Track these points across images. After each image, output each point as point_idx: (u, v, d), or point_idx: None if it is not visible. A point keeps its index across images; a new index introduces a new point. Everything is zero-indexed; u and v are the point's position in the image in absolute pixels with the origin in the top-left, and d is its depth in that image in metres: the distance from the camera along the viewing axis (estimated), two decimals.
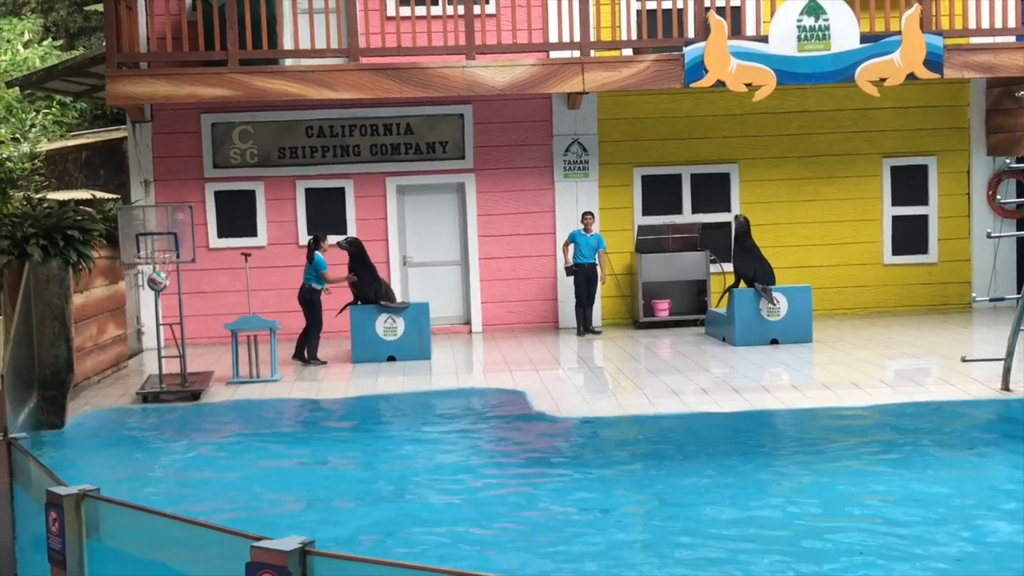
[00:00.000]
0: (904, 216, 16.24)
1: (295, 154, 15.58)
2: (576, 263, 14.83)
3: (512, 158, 15.74)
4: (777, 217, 15.94)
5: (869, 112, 15.81)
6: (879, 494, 8.11)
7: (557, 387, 11.71)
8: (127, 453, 9.95)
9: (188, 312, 13.17)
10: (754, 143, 16.01)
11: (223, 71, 13.91)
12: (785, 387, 11.47)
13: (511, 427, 10.52)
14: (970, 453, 9.16)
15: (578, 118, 15.67)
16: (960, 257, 16.29)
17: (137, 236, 11.73)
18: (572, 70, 14.18)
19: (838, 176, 16.10)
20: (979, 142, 16.12)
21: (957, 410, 10.37)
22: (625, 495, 8.37)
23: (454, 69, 14.14)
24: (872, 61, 14.18)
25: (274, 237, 15.61)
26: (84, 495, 4.74)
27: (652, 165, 15.95)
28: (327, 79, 14.02)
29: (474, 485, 8.61)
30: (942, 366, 12.24)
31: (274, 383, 12.24)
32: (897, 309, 16.20)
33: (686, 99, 15.67)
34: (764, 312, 13.75)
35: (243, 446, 10.01)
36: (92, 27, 25.09)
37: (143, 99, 14.19)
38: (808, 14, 14.05)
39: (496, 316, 15.82)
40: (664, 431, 9.98)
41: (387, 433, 10.34)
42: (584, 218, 15.04)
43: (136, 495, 8.11)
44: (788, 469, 8.80)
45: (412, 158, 15.68)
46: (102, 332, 13.02)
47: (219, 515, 7.45)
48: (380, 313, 13.48)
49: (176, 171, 15.41)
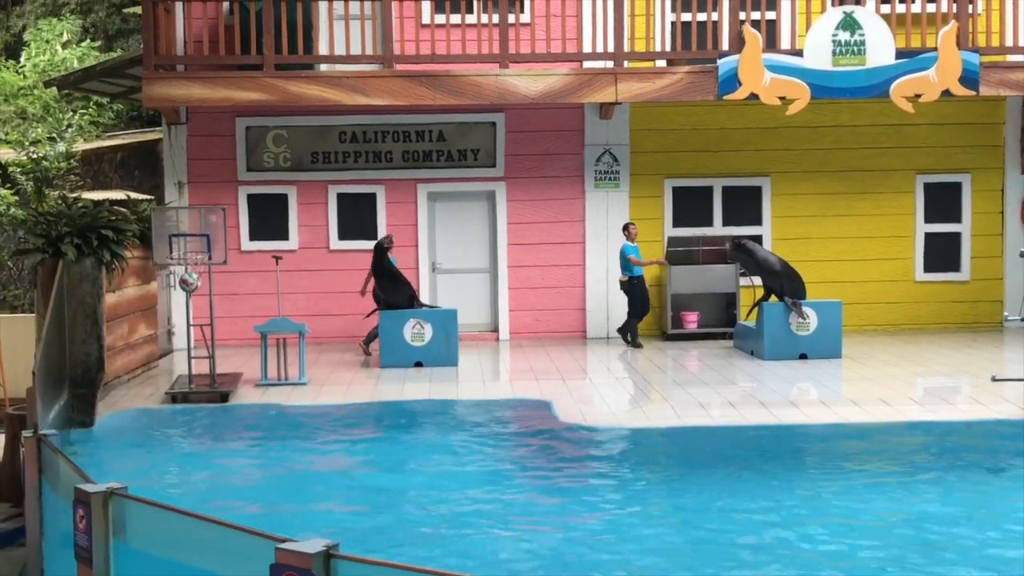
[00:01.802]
0: (937, 233, 16.13)
1: (328, 159, 15.66)
2: (632, 275, 14.70)
3: (543, 167, 15.75)
4: (809, 232, 15.87)
5: (903, 128, 15.72)
6: (903, 512, 8.06)
7: (584, 397, 11.69)
8: (155, 452, 10.02)
9: (218, 313, 13.25)
10: (787, 157, 15.95)
11: (258, 75, 14.01)
12: (813, 402, 11.41)
13: (536, 436, 10.51)
14: (998, 473, 9.07)
15: (610, 128, 15.67)
16: (992, 275, 16.16)
17: (170, 237, 11.80)
18: (605, 80, 14.19)
19: (871, 192, 16.02)
20: (1014, 160, 15.99)
21: (986, 429, 10.28)
22: (650, 507, 8.34)
23: (487, 77, 14.17)
24: (907, 77, 14.10)
25: (305, 241, 15.69)
26: (112, 493, 4.78)
27: (683, 177, 15.91)
28: (361, 85, 14.09)
29: (498, 493, 8.61)
30: (972, 385, 12.13)
31: (302, 386, 12.29)
32: (928, 326, 16.08)
33: (719, 111, 15.65)
34: (793, 327, 13.68)
35: (270, 448, 10.05)
36: (130, 29, 25.32)
37: (179, 101, 14.31)
38: (844, 29, 14.00)
39: (524, 324, 15.82)
40: (691, 444, 9.95)
41: (413, 440, 10.35)
42: (628, 229, 14.86)
43: (163, 494, 8.16)
44: (814, 485, 8.75)
45: (443, 165, 15.72)
46: (133, 332, 13.11)
47: (244, 516, 7.48)
48: (409, 319, 13.52)
49: (210, 173, 15.52)
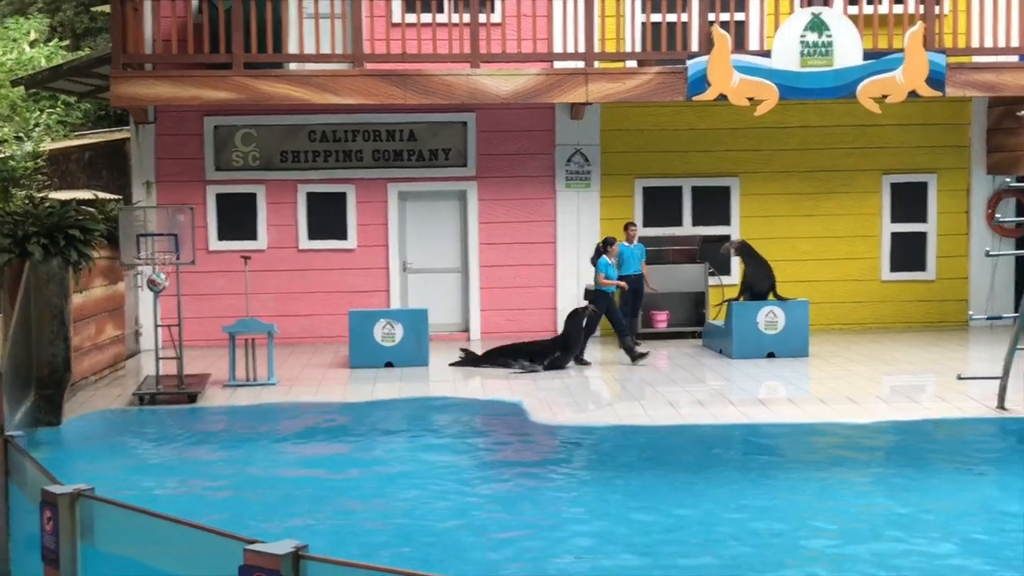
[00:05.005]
0: (903, 233, 16.27)
1: (297, 158, 15.61)
2: (623, 275, 14.49)
3: (514, 167, 15.77)
4: (776, 231, 15.96)
5: (870, 129, 15.84)
6: (868, 508, 8.13)
7: (554, 396, 11.72)
8: (122, 454, 9.96)
9: (186, 314, 13.18)
10: (755, 157, 16.04)
11: (227, 74, 13.95)
12: (781, 400, 11.49)
13: (507, 435, 10.53)
14: (964, 471, 9.16)
15: (581, 128, 15.70)
16: (958, 275, 16.32)
17: (138, 237, 11.74)
18: (576, 81, 14.22)
19: (838, 192, 16.14)
20: (979, 161, 16.15)
21: (952, 427, 10.39)
22: (618, 505, 8.37)
23: (458, 77, 14.17)
24: (874, 78, 14.22)
25: (274, 240, 15.63)
26: (79, 494, 4.75)
27: (653, 177, 15.98)
28: (331, 84, 14.06)
29: (468, 493, 8.61)
30: (938, 383, 12.25)
31: (271, 387, 12.25)
32: (894, 325, 16.22)
33: (688, 112, 15.72)
34: (762, 325, 13.77)
35: (238, 449, 10.02)
36: (98, 28, 25.14)
37: (147, 100, 14.23)
38: (811, 30, 14.09)
39: (495, 324, 15.83)
40: (659, 442, 9.99)
41: (383, 439, 10.34)
42: (628, 229, 14.59)
43: (130, 496, 8.11)
44: (780, 482, 8.81)
45: (414, 165, 15.71)
46: (100, 332, 13.03)
47: (212, 517, 7.45)
48: (380, 318, 13.51)
49: (178, 173, 15.44)
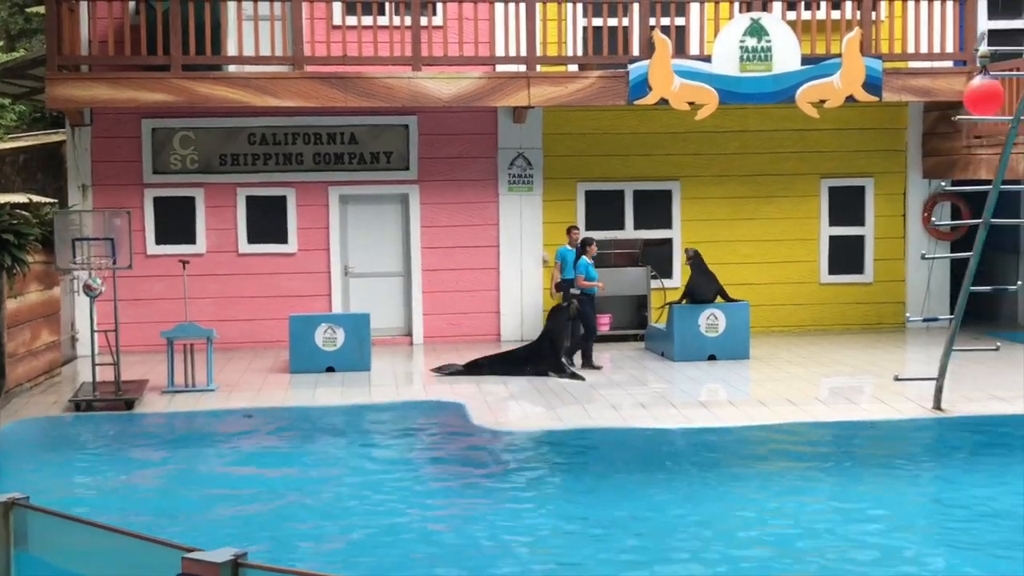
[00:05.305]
0: (841, 236, 16.47)
1: (236, 161, 15.46)
2: (565, 279, 14.38)
3: (456, 170, 15.74)
4: (717, 235, 16.09)
5: (808, 133, 16.03)
6: (804, 510, 8.21)
7: (497, 400, 11.71)
8: (58, 462, 9.79)
9: (124, 319, 12.99)
10: (696, 161, 16.16)
11: (165, 76, 13.79)
12: (722, 403, 11.58)
13: (449, 440, 10.51)
14: (900, 471, 9.29)
15: (523, 132, 15.72)
16: (895, 277, 16.56)
17: (73, 241, 11.57)
18: (518, 84, 14.24)
19: (777, 195, 16.31)
20: (915, 165, 16.40)
21: (890, 428, 10.53)
22: (561, 508, 8.38)
23: (399, 80, 14.13)
24: (812, 83, 14.40)
25: (213, 244, 15.46)
26: (13, 503, 4.67)
27: (596, 180, 16.04)
28: (271, 86, 13.95)
29: (409, 497, 8.58)
30: (876, 384, 12.42)
31: (210, 393, 12.11)
32: (833, 328, 16.42)
33: (630, 116, 15.80)
34: (703, 328, 13.87)
35: (176, 456, 9.90)
36: (33, 29, 24.73)
37: (83, 102, 14.02)
38: (751, 35, 14.23)
39: (438, 328, 15.79)
40: (602, 445, 10.03)
41: (323, 445, 10.27)
42: (571, 233, 14.46)
43: (66, 504, 7.99)
44: (720, 485, 8.87)
45: (356, 168, 15.63)
46: (35, 338, 12.81)
47: (151, 526, 7.35)
48: (321, 323, 13.42)
49: (115, 176, 15.22)
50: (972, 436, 10.26)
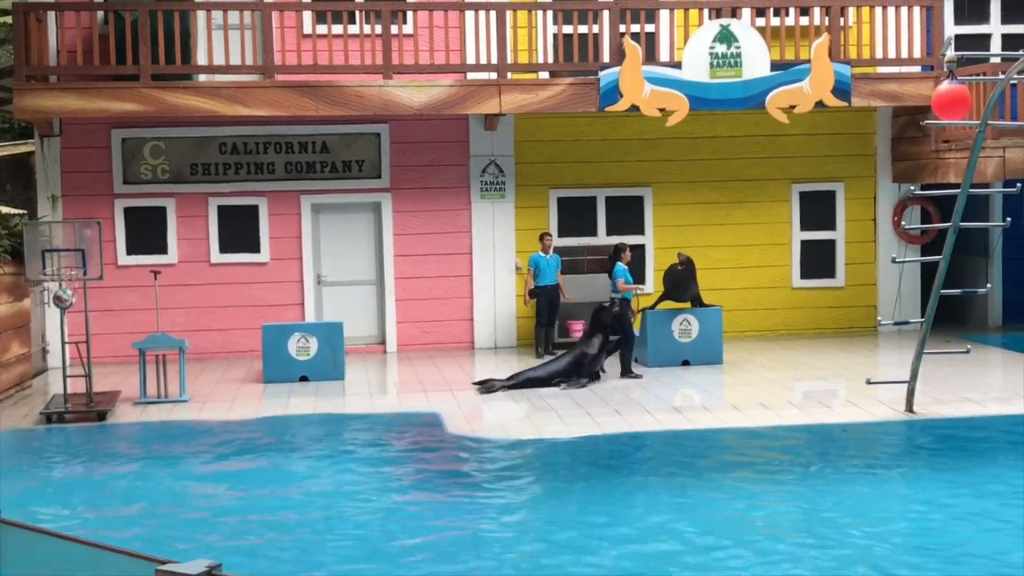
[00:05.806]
0: (812, 241, 16.57)
1: (207, 171, 15.40)
2: (539, 285, 14.69)
3: (429, 178, 15.74)
4: (689, 240, 16.15)
5: (779, 138, 16.13)
6: (779, 513, 8.25)
7: (472, 409, 11.71)
8: (30, 474, 9.71)
9: (95, 330, 12.92)
10: (667, 167, 16.23)
11: (135, 86, 13.73)
12: (696, 408, 11.62)
13: (425, 449, 10.48)
14: (873, 473, 9.35)
15: (495, 139, 15.74)
16: (866, 281, 16.67)
17: (43, 252, 11.50)
18: (489, 92, 14.26)
19: (748, 201, 16.39)
20: (885, 169, 16.53)
21: (862, 430, 10.60)
22: (537, 517, 8.38)
23: (371, 88, 14.12)
24: (782, 89, 14.50)
25: (185, 255, 15.38)
26: None
27: (568, 187, 16.07)
28: (241, 95, 13.91)
29: (385, 507, 8.56)
30: (848, 388, 12.50)
31: (183, 404, 12.05)
32: (805, 332, 16.51)
33: (601, 123, 15.84)
34: (676, 334, 13.92)
35: (149, 468, 9.83)
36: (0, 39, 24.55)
37: (52, 113, 13.94)
38: (720, 41, 14.32)
39: (411, 336, 15.77)
40: (577, 452, 10.03)
41: (298, 455, 10.22)
42: (543, 239, 14.85)
43: (39, 517, 7.92)
44: (694, 489, 8.89)
45: (327, 176, 15.60)
46: (5, 350, 12.70)
47: (124, 538, 7.30)
48: (294, 332, 13.37)
49: (85, 186, 15.13)
50: (944, 438, 10.33)
